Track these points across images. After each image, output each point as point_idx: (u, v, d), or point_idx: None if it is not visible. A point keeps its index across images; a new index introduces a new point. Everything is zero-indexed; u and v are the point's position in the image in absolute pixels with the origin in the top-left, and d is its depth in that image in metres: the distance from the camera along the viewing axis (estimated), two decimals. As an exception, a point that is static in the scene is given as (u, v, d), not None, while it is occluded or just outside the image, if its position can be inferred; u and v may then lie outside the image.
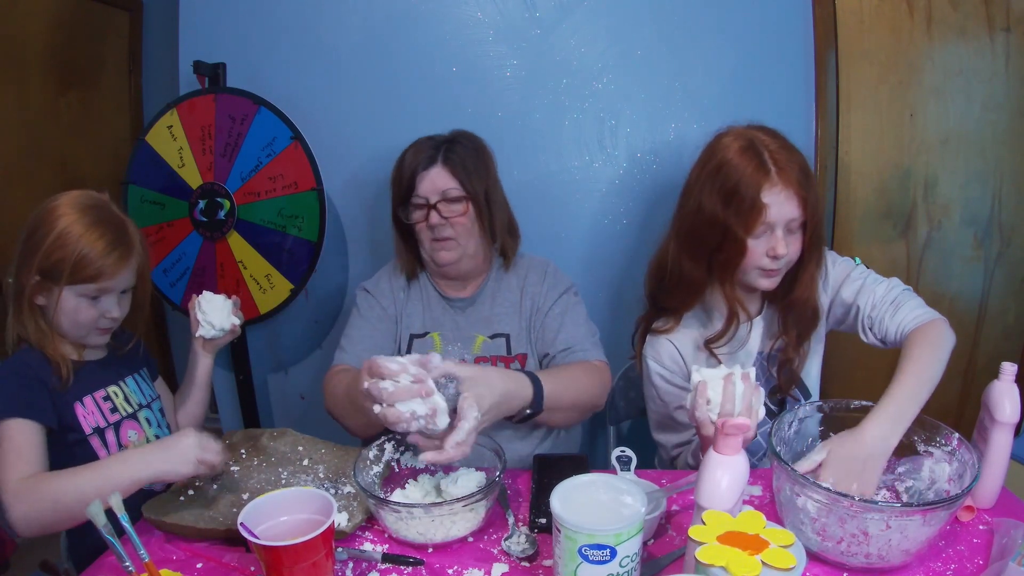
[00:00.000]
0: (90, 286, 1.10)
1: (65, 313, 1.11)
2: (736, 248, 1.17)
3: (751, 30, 1.72)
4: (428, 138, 1.41)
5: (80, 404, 1.14)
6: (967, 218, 1.91)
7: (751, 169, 1.13)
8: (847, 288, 1.27)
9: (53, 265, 1.08)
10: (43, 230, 1.09)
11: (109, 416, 1.17)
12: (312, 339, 1.98)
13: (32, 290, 1.10)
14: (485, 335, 1.41)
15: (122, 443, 1.18)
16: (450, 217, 1.34)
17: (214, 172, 1.76)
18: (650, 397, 1.37)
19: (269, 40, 1.79)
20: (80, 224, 1.09)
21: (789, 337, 1.27)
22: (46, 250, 1.08)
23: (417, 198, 1.36)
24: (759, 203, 1.12)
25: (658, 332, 1.33)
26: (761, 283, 1.22)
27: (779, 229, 1.16)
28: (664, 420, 1.35)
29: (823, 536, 0.90)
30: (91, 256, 1.08)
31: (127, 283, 1.16)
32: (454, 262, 1.38)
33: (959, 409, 2.03)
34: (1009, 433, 1.02)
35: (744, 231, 1.15)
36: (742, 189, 1.13)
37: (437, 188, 1.34)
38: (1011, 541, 0.91)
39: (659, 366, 1.32)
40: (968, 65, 1.81)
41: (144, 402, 1.26)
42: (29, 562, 1.83)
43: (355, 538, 1.02)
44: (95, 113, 2.58)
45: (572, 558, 0.77)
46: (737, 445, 0.84)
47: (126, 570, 0.83)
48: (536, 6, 1.73)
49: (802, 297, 1.24)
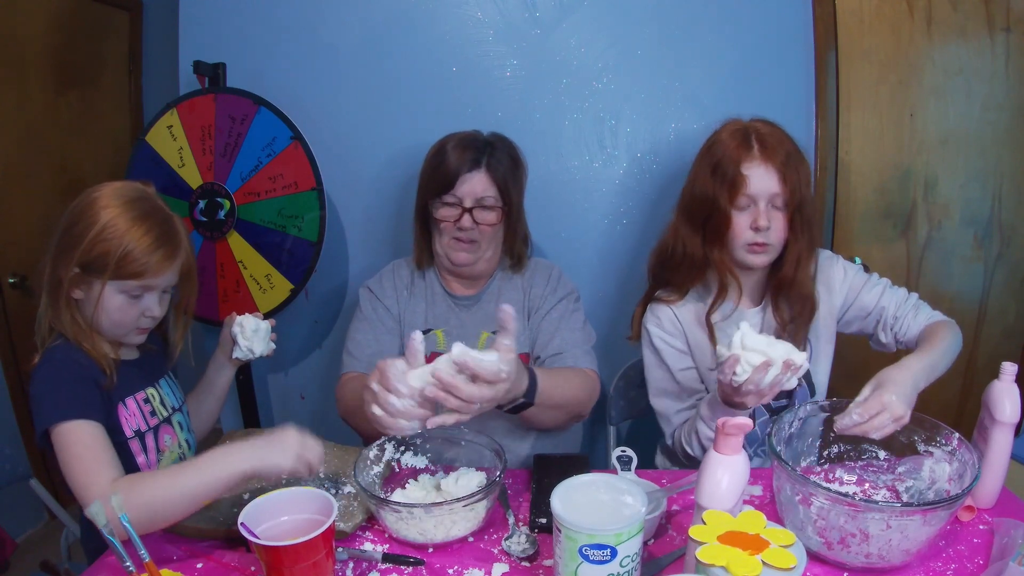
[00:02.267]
0: (133, 283, 1.05)
1: (106, 311, 1.06)
2: (722, 218, 1.25)
3: (751, 30, 1.72)
4: (471, 137, 1.39)
5: (123, 406, 1.10)
6: (967, 218, 1.91)
7: (735, 144, 1.24)
8: (868, 293, 1.33)
9: (96, 258, 1.03)
10: (85, 222, 1.03)
11: (149, 419, 1.14)
12: (312, 339, 1.98)
13: (71, 283, 1.05)
14: (489, 332, 1.41)
15: (160, 448, 1.16)
16: (481, 223, 1.35)
17: (214, 172, 1.76)
18: (651, 364, 1.39)
19: (269, 40, 1.79)
20: (125, 218, 1.04)
21: (780, 317, 1.32)
22: (89, 243, 1.02)
23: (451, 197, 1.35)
24: (740, 175, 1.22)
25: (661, 300, 1.38)
26: (749, 259, 1.27)
27: (762, 203, 1.23)
28: (665, 385, 1.37)
29: (823, 536, 0.90)
30: (136, 252, 1.03)
31: (171, 281, 1.12)
32: (470, 264, 1.39)
33: (959, 409, 2.03)
34: (1009, 433, 1.02)
35: (728, 201, 1.23)
36: (725, 162, 1.23)
37: (476, 193, 1.34)
38: (1011, 541, 0.91)
39: (660, 330, 1.36)
40: (968, 65, 1.81)
41: (176, 405, 1.23)
42: (29, 562, 1.83)
43: (355, 538, 1.02)
44: (95, 113, 2.58)
45: (572, 558, 0.77)
46: (737, 445, 0.84)
47: (127, 570, 0.83)
48: (536, 6, 1.73)
49: (788, 276, 1.28)
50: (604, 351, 1.85)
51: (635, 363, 1.70)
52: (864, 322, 1.35)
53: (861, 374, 1.87)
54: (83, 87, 2.51)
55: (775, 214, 1.24)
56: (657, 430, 1.44)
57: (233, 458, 0.94)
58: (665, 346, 1.35)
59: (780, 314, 1.32)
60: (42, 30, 2.31)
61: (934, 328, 1.23)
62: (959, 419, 2.01)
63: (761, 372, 1.00)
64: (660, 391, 1.38)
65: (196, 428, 1.33)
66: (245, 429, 1.30)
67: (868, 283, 1.34)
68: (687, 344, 1.35)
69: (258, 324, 1.30)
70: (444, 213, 1.36)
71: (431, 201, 1.37)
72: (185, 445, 1.23)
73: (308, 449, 0.97)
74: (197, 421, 1.33)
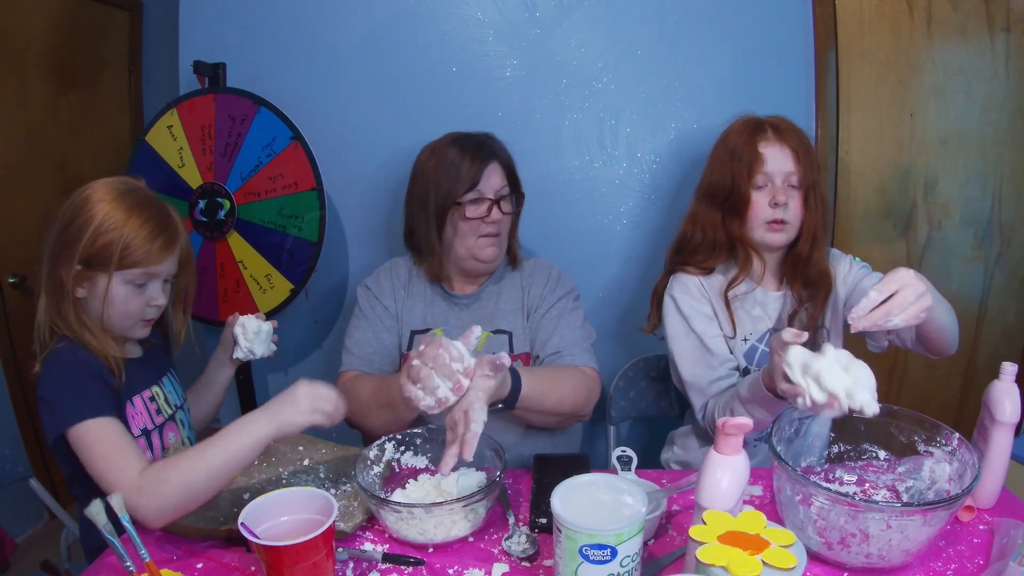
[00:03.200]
0: (137, 271, 1.06)
1: (113, 303, 1.07)
2: (740, 199, 1.29)
3: (751, 30, 1.72)
4: (466, 135, 1.40)
5: (130, 404, 1.11)
6: (967, 218, 1.91)
7: (749, 130, 1.31)
8: (868, 282, 1.33)
9: (98, 252, 1.04)
10: (82, 219, 1.04)
11: (155, 418, 1.15)
12: (312, 339, 1.99)
13: (74, 281, 1.05)
14: (488, 331, 1.41)
15: (165, 446, 1.16)
16: (505, 214, 1.38)
17: (214, 172, 1.76)
18: (678, 334, 1.36)
19: (269, 40, 1.79)
20: (121, 210, 1.05)
21: (795, 290, 1.35)
22: (90, 238, 1.03)
23: (476, 193, 1.35)
24: (757, 154, 1.27)
25: (687, 271, 1.39)
26: (769, 238, 1.30)
27: (778, 180, 1.28)
28: (695, 354, 1.35)
29: (823, 536, 0.90)
30: (137, 240, 1.05)
31: (172, 269, 1.13)
32: (495, 259, 1.40)
33: (959, 409, 2.03)
34: (1009, 433, 1.02)
35: (746, 181, 1.28)
36: (742, 145, 1.29)
37: (496, 185, 1.37)
38: (1011, 541, 0.91)
39: (687, 296, 1.37)
40: (968, 65, 1.81)
41: (178, 403, 1.24)
42: (29, 562, 1.83)
43: (356, 538, 1.02)
44: (95, 113, 2.58)
45: (573, 558, 0.77)
46: (737, 445, 0.83)
47: (127, 570, 0.83)
48: (536, 6, 1.73)
49: (804, 252, 1.31)
50: (604, 351, 1.85)
51: (635, 363, 1.70)
52: None
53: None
54: (83, 87, 2.51)
55: (792, 192, 1.28)
56: (658, 430, 1.44)
57: (252, 426, 0.97)
58: (693, 312, 1.35)
59: (796, 292, 1.34)
60: (42, 30, 2.31)
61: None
62: (959, 419, 2.01)
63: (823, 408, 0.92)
64: (691, 361, 1.35)
65: (195, 424, 1.33)
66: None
67: (869, 276, 1.34)
68: (714, 312, 1.36)
69: (260, 326, 1.32)
70: (475, 211, 1.36)
71: (454, 206, 1.35)
72: (188, 443, 1.23)
73: (321, 399, 0.99)
74: (196, 417, 1.34)
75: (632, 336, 1.84)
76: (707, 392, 1.33)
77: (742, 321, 1.35)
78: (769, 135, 1.28)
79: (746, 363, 1.36)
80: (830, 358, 0.91)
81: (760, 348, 1.36)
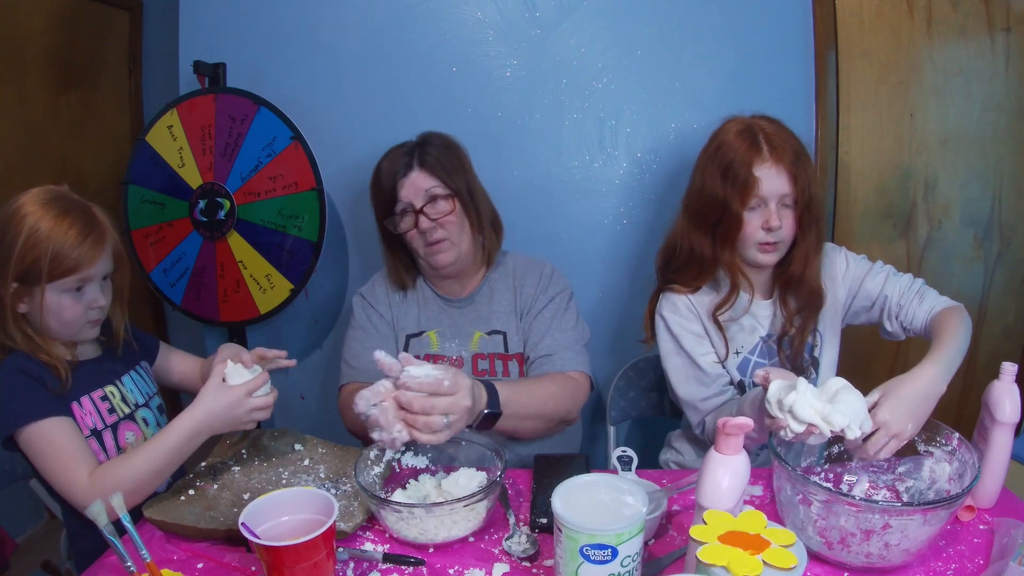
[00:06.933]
0: (70, 279, 1.06)
1: (51, 313, 1.07)
2: (733, 220, 1.25)
3: (751, 30, 1.72)
4: (398, 146, 1.40)
5: (78, 405, 1.11)
6: (967, 218, 1.91)
7: (745, 147, 1.23)
8: (871, 281, 1.33)
9: (29, 267, 1.04)
10: (11, 234, 1.04)
11: (107, 417, 1.15)
12: (312, 339, 1.99)
13: (13, 299, 1.06)
14: (482, 331, 1.41)
15: (120, 445, 1.16)
16: (438, 218, 1.34)
17: (214, 172, 1.76)
18: (670, 352, 1.37)
19: (269, 40, 1.79)
20: (47, 219, 1.04)
21: (787, 309, 1.33)
22: (19, 254, 1.03)
23: (401, 204, 1.35)
24: (752, 177, 1.22)
25: (675, 291, 1.37)
26: (760, 258, 1.28)
27: (772, 203, 1.24)
28: (687, 372, 1.35)
29: (824, 536, 0.90)
30: (66, 247, 1.04)
31: (106, 269, 1.13)
32: (452, 263, 1.38)
33: (959, 409, 2.03)
34: (1009, 433, 1.02)
35: (740, 204, 1.23)
36: (736, 164, 1.23)
37: (420, 191, 1.34)
38: (1011, 541, 0.91)
39: (676, 315, 1.35)
40: (968, 65, 1.81)
41: (142, 401, 1.23)
42: (29, 562, 1.83)
43: (356, 538, 1.02)
44: (95, 113, 2.58)
45: (573, 558, 0.77)
46: (738, 445, 0.84)
47: (127, 570, 0.83)
48: (536, 6, 1.73)
49: (797, 272, 1.29)
50: (605, 351, 1.86)
51: (635, 363, 1.70)
52: (870, 312, 1.34)
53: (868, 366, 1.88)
54: (83, 87, 2.51)
55: (785, 212, 1.25)
56: (658, 430, 1.44)
57: (177, 424, 1.06)
58: (683, 331, 1.34)
59: (787, 307, 1.33)
60: (42, 30, 2.30)
61: (941, 321, 1.20)
62: (959, 419, 2.01)
63: (806, 436, 0.97)
64: (683, 378, 1.36)
65: None
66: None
67: (871, 272, 1.33)
68: (704, 330, 1.35)
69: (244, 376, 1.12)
70: (403, 225, 1.36)
71: (387, 221, 1.38)
72: None
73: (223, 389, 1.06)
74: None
75: (632, 336, 1.84)
76: (701, 409, 1.34)
77: (734, 335, 1.34)
78: (765, 154, 1.22)
79: (740, 376, 1.35)
80: (801, 390, 0.96)
81: (753, 360, 1.35)
